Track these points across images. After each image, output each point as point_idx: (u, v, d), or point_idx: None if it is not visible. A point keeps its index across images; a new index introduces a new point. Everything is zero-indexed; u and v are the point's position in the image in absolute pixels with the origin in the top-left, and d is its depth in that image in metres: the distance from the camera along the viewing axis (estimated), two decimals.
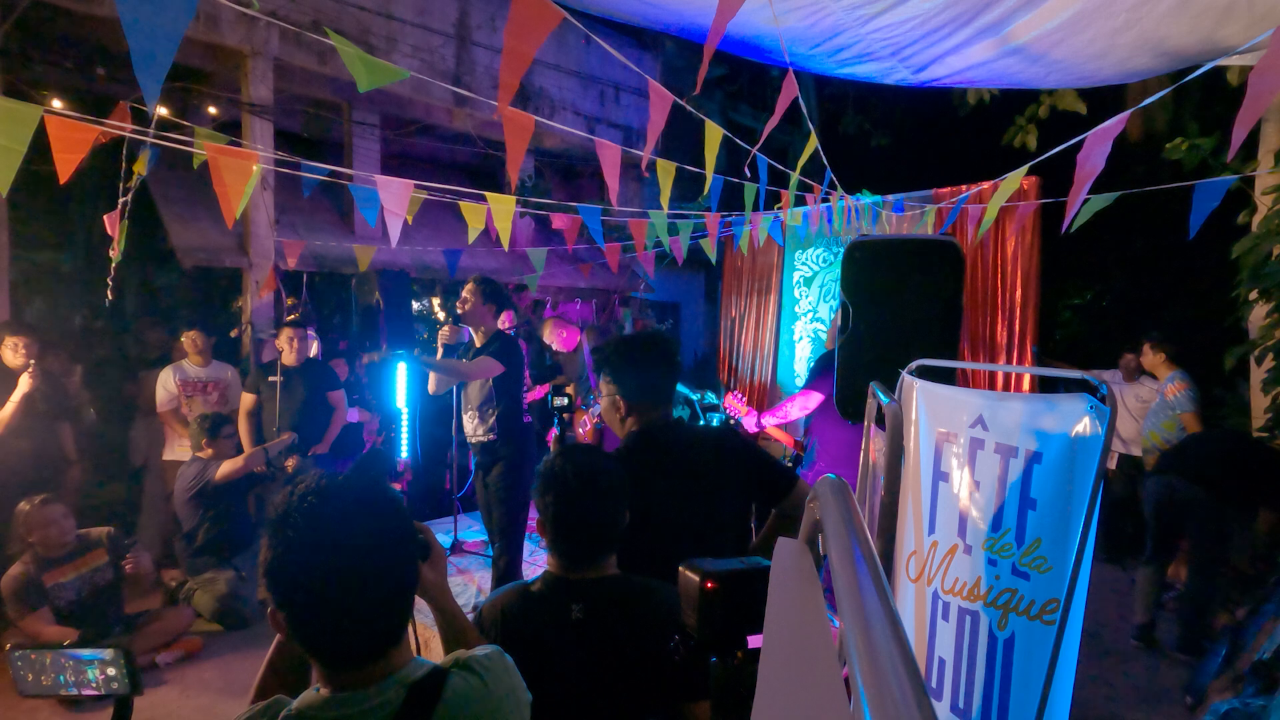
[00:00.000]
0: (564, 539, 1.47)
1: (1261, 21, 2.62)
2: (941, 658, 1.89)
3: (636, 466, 1.66)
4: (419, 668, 0.98)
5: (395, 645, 0.97)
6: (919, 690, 0.42)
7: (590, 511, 1.46)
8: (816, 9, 3.03)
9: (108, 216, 3.38)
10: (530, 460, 3.57)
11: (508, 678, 1.03)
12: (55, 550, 3.46)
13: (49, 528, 3.42)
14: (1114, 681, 3.57)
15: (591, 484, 1.46)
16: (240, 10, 4.54)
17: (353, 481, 0.97)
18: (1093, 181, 2.53)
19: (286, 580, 0.91)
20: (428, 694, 0.94)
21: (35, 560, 3.40)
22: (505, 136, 2.14)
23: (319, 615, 0.92)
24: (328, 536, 0.91)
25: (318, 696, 0.94)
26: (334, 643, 0.94)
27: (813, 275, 7.09)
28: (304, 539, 0.91)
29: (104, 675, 1.46)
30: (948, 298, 2.88)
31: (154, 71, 1.26)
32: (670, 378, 1.94)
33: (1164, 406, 4.45)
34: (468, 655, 1.03)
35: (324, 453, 4.60)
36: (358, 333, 3.93)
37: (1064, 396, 1.63)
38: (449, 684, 0.96)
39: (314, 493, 0.93)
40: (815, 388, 3.69)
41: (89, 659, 1.46)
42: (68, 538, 3.50)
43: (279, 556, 0.91)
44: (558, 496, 1.45)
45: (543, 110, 7.34)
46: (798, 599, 0.66)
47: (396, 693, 0.93)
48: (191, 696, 3.33)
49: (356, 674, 0.94)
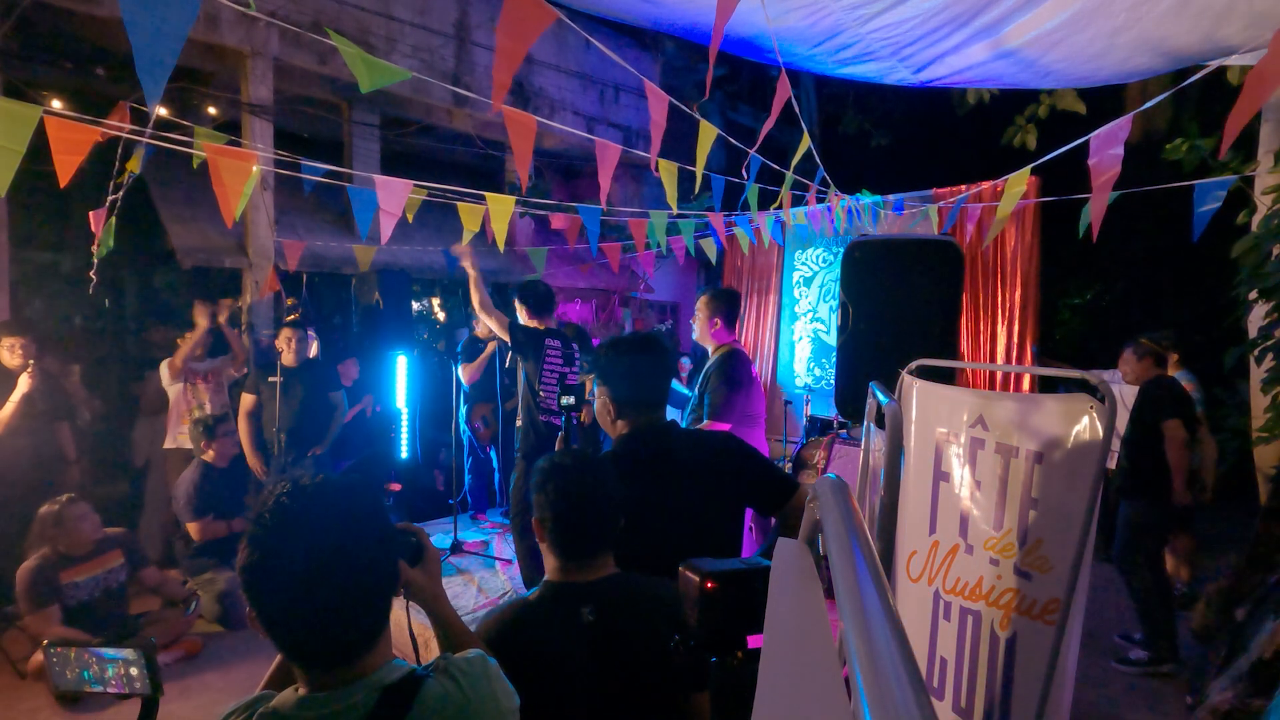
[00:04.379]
0: (567, 534, 1.45)
1: (1261, 21, 2.62)
2: (943, 657, 1.89)
3: (626, 470, 1.65)
4: (395, 670, 0.97)
5: (370, 648, 0.96)
6: (919, 690, 0.42)
7: (592, 503, 1.44)
8: (816, 9, 3.03)
9: (93, 213, 3.38)
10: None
11: (487, 684, 1.02)
12: (78, 549, 3.48)
13: (83, 522, 3.46)
14: (1114, 681, 3.56)
15: (591, 476, 1.46)
16: (240, 10, 4.53)
17: (331, 483, 0.96)
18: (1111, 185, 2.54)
19: (255, 580, 0.91)
20: (400, 698, 0.93)
21: (54, 556, 3.41)
22: (510, 137, 2.14)
23: (288, 616, 0.91)
24: (297, 538, 0.90)
25: (294, 696, 0.95)
26: (302, 644, 0.94)
27: (813, 275, 7.09)
28: (270, 539, 0.91)
29: (126, 674, 1.47)
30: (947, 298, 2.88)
31: (157, 73, 1.26)
32: (662, 381, 1.92)
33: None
34: (448, 659, 1.02)
35: (323, 453, 4.60)
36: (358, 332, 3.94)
37: (1064, 397, 1.63)
38: (424, 689, 0.95)
39: (288, 494, 0.93)
40: (721, 414, 3.07)
41: (111, 658, 1.47)
42: (97, 534, 3.55)
43: (249, 556, 0.91)
44: (559, 489, 1.44)
45: (542, 110, 7.34)
46: (798, 599, 0.66)
47: (369, 695, 0.92)
48: (191, 696, 3.33)
49: (330, 675, 0.93)
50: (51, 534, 3.41)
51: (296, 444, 4.45)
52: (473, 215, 3.40)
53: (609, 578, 1.46)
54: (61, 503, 3.44)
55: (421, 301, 7.57)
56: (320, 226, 6.39)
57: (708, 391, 3.10)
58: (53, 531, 3.41)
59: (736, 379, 3.10)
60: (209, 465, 4.23)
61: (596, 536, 1.46)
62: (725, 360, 3.14)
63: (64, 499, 3.47)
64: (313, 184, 3.28)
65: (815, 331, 7.05)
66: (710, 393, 3.08)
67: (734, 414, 3.08)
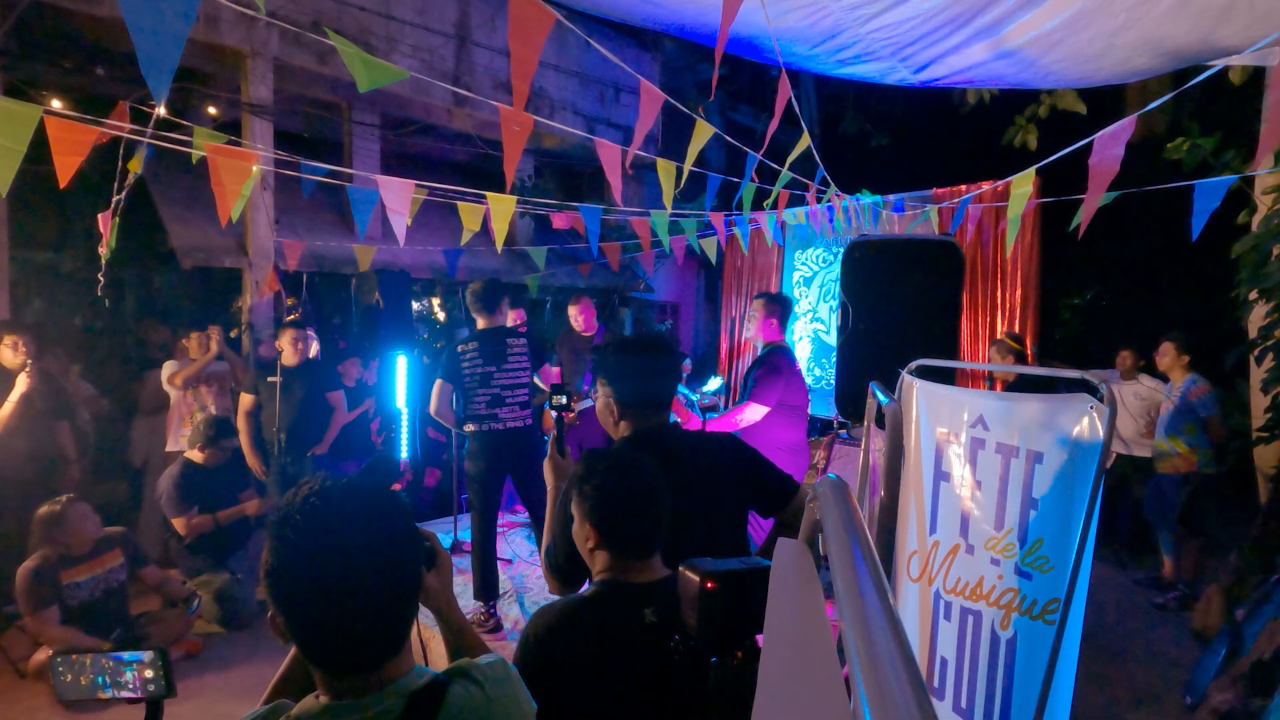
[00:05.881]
0: (626, 533, 1.43)
1: (1261, 22, 2.62)
2: (944, 657, 1.89)
3: None
4: (420, 677, 0.96)
5: (395, 654, 0.95)
6: (919, 690, 0.42)
7: (649, 498, 1.44)
8: (816, 9, 3.03)
9: (101, 215, 3.38)
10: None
11: (510, 687, 1.01)
12: (78, 548, 3.47)
13: (84, 522, 3.45)
14: (1114, 681, 3.56)
15: (644, 473, 1.45)
16: (240, 10, 4.54)
17: (357, 484, 0.95)
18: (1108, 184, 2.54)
19: (284, 583, 0.89)
20: (428, 704, 0.92)
21: (54, 556, 3.40)
22: (502, 135, 2.13)
23: (316, 620, 0.90)
24: (327, 539, 0.89)
25: (316, 704, 0.93)
26: (331, 649, 0.92)
27: (813, 275, 7.09)
28: (302, 541, 0.89)
29: (141, 677, 1.47)
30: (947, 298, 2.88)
31: (162, 72, 1.27)
32: (667, 382, 1.91)
33: (1185, 410, 4.42)
34: (469, 664, 1.01)
35: (323, 454, 4.60)
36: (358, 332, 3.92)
37: (1064, 397, 1.63)
38: (450, 694, 0.94)
39: (316, 494, 0.91)
40: (763, 396, 3.34)
41: (129, 660, 1.47)
42: (97, 534, 3.54)
43: (277, 558, 0.89)
44: (618, 487, 1.42)
45: (543, 110, 7.34)
46: (798, 599, 0.66)
47: (395, 702, 0.91)
48: (192, 696, 3.32)
49: (355, 682, 0.92)
50: (52, 534, 3.40)
51: (296, 444, 4.44)
52: (473, 215, 3.40)
53: (669, 579, 1.44)
54: (62, 503, 3.43)
55: (421, 301, 7.57)
56: (320, 226, 6.39)
57: (751, 375, 3.43)
58: (54, 532, 3.39)
59: (778, 367, 3.40)
60: (191, 462, 4.17)
61: (653, 536, 1.45)
62: (771, 353, 3.47)
63: (64, 499, 3.45)
64: (312, 184, 3.28)
65: (815, 331, 7.05)
66: (753, 379, 3.39)
67: (774, 400, 3.35)
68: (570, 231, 6.40)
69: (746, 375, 3.51)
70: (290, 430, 4.40)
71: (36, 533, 3.43)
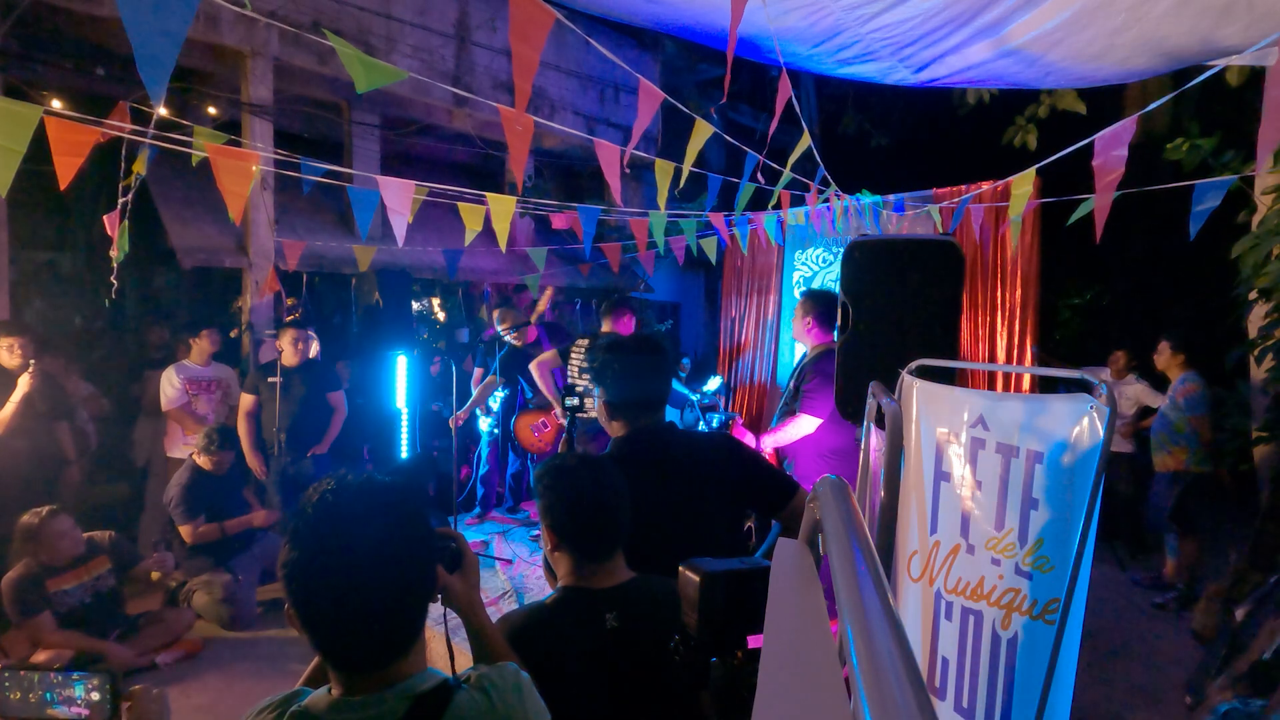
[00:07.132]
0: (582, 534, 1.43)
1: (1261, 22, 2.62)
2: (945, 657, 1.89)
3: (623, 471, 1.65)
4: (428, 679, 0.96)
5: (405, 654, 0.95)
6: (919, 690, 0.42)
7: (602, 503, 1.43)
8: (816, 9, 3.03)
9: (107, 217, 3.37)
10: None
11: (518, 699, 1.00)
12: (59, 560, 3.41)
13: (61, 540, 3.37)
14: (1114, 681, 3.56)
15: (596, 476, 1.45)
16: (240, 11, 4.54)
17: (374, 482, 0.96)
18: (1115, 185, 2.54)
19: (297, 578, 0.90)
20: (431, 709, 0.92)
21: (36, 566, 3.36)
22: (506, 137, 2.14)
23: (327, 616, 0.91)
24: (339, 536, 0.90)
25: (327, 697, 0.94)
26: (341, 645, 0.93)
27: (813, 275, 7.08)
28: (315, 537, 0.90)
29: (89, 699, 1.50)
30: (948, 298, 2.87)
31: (159, 72, 1.27)
32: (660, 382, 1.91)
33: (1174, 408, 4.43)
34: (481, 672, 1.00)
35: (323, 454, 4.60)
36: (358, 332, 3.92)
37: (1064, 397, 1.63)
38: (455, 701, 0.94)
39: (333, 491, 0.92)
40: (815, 407, 3.19)
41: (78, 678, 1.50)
42: (77, 550, 3.47)
43: (292, 553, 0.90)
44: (568, 491, 1.43)
45: (543, 110, 7.33)
46: (798, 599, 0.66)
47: (399, 703, 0.91)
48: (192, 696, 3.32)
49: (364, 679, 0.93)
50: (31, 547, 3.34)
51: (296, 444, 4.44)
52: (474, 215, 3.40)
53: (630, 582, 1.45)
54: (42, 515, 3.35)
55: (421, 301, 7.56)
56: (320, 226, 6.38)
57: (801, 385, 3.23)
58: (29, 545, 3.34)
59: (831, 375, 3.20)
60: (200, 468, 4.17)
61: (610, 537, 1.45)
62: (821, 357, 3.26)
63: (44, 511, 3.36)
64: (312, 184, 3.28)
65: None
66: (805, 387, 3.20)
67: (826, 411, 3.14)
68: (570, 232, 6.40)
69: (797, 379, 3.30)
70: (290, 430, 4.40)
71: (17, 541, 3.38)
